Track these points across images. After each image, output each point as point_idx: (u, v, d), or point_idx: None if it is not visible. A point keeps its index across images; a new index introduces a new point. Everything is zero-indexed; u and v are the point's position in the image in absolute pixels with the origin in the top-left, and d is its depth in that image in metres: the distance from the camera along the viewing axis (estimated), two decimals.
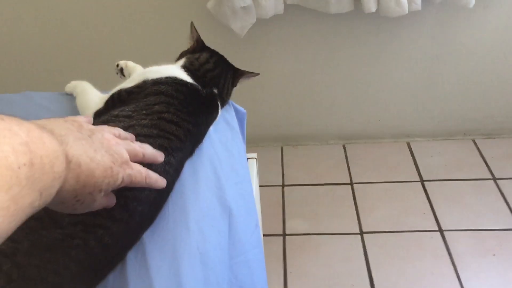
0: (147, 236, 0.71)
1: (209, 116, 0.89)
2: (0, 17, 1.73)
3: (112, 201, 0.60)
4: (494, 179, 1.81)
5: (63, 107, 0.99)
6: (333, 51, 1.85)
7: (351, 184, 1.84)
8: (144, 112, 0.80)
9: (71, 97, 1.02)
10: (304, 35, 1.80)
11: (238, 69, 0.99)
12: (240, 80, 1.00)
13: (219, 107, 0.93)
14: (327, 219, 1.69)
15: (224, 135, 0.95)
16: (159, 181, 0.66)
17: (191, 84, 0.88)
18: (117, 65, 1.08)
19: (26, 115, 0.94)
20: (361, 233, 1.63)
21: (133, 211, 0.67)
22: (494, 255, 1.52)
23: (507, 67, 1.88)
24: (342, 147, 2.03)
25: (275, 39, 1.80)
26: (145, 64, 1.06)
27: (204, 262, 0.71)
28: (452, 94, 1.95)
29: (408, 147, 2.01)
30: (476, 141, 2.02)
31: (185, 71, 0.91)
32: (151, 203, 0.70)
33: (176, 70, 0.90)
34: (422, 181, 1.83)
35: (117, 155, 0.55)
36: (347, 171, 1.91)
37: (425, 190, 1.79)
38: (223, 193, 0.83)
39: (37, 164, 0.41)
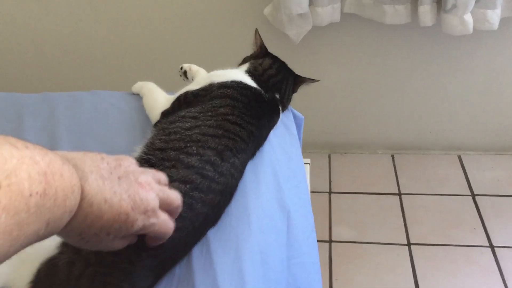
0: (212, 233, 0.74)
1: (271, 120, 0.92)
2: (68, 18, 1.82)
3: (133, 240, 0.57)
4: None
5: (131, 106, 1.04)
6: (387, 61, 1.84)
7: (399, 194, 1.83)
8: (209, 113, 0.84)
9: (138, 96, 1.07)
10: (358, 44, 1.80)
11: (299, 76, 1.02)
12: (301, 86, 1.02)
13: (280, 112, 0.96)
14: (374, 228, 1.69)
15: (283, 139, 0.97)
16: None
17: (255, 88, 0.92)
18: (181, 68, 1.12)
19: (95, 112, 1.00)
20: (409, 244, 1.62)
21: (198, 212, 0.70)
22: None
23: None
24: (390, 157, 2.02)
25: (330, 47, 1.82)
26: (206, 68, 1.11)
27: (265, 261, 0.73)
28: (507, 108, 1.91)
29: (459, 160, 1.98)
30: None
31: (249, 75, 0.94)
32: (215, 205, 0.74)
33: (240, 75, 0.94)
34: (473, 195, 1.80)
35: (141, 202, 0.52)
36: (395, 181, 1.89)
37: (476, 205, 1.75)
38: (282, 195, 0.85)
39: (50, 195, 0.41)
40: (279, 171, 0.89)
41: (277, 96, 0.95)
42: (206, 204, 0.72)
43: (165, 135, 0.81)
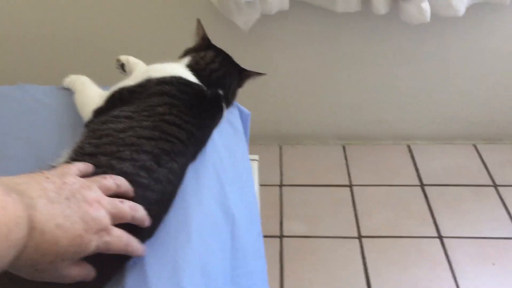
0: (147, 245, 0.67)
1: (214, 118, 0.86)
2: None
3: (89, 272, 0.55)
4: (495, 185, 1.79)
5: (61, 102, 0.95)
6: (337, 51, 1.81)
7: (350, 186, 1.81)
8: (145, 113, 0.77)
9: (69, 92, 0.97)
10: (308, 33, 1.76)
11: (244, 70, 0.96)
12: (247, 81, 0.96)
13: (224, 109, 0.89)
14: (326, 222, 1.67)
15: (227, 138, 0.91)
16: (140, 250, 0.62)
17: (196, 84, 0.85)
18: (118, 60, 1.04)
19: (22, 109, 0.90)
20: (360, 237, 1.61)
21: (131, 227, 0.64)
22: (493, 264, 1.50)
23: (510, 70, 1.85)
24: (341, 148, 2.01)
25: (279, 36, 1.77)
26: (146, 60, 1.03)
27: (206, 274, 0.68)
28: (454, 97, 1.92)
29: (409, 150, 1.99)
30: (477, 146, 1.99)
31: (190, 70, 0.87)
32: (151, 216, 0.67)
33: (180, 69, 0.87)
34: (422, 185, 1.81)
35: (93, 222, 0.52)
36: (346, 172, 1.88)
37: (425, 195, 1.76)
38: (226, 200, 0.80)
39: None
40: (223, 174, 0.83)
41: (221, 92, 0.89)
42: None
43: (95, 138, 0.73)
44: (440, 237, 1.60)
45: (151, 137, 0.72)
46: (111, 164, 0.67)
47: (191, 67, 0.88)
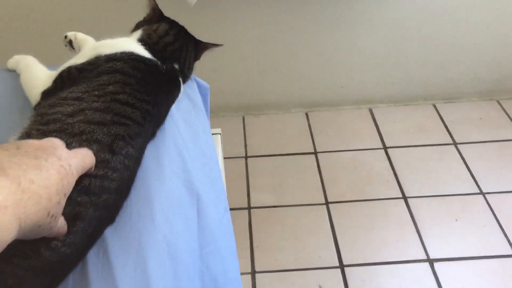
0: (109, 232, 0.65)
1: (170, 94, 0.82)
2: None
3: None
4: (455, 143, 1.83)
5: (6, 85, 0.89)
6: (295, 17, 1.78)
7: (315, 153, 1.82)
8: (96, 93, 0.72)
9: (15, 74, 0.92)
10: (264, 1, 1.72)
11: (200, 41, 0.92)
12: (204, 53, 0.93)
13: (181, 84, 0.86)
14: (293, 190, 1.67)
15: (187, 113, 0.88)
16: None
17: (149, 59, 0.81)
18: (65, 37, 0.98)
19: None
20: (327, 203, 1.62)
21: (91, 219, 0.60)
22: (456, 220, 1.54)
23: (466, 32, 1.87)
24: (305, 115, 2.00)
25: (234, 5, 1.72)
26: (95, 36, 0.97)
27: (173, 255, 0.66)
28: (413, 59, 1.94)
29: (370, 113, 2.00)
30: (437, 105, 2.03)
31: (143, 45, 0.83)
32: (110, 205, 0.64)
33: (132, 44, 0.82)
34: (385, 148, 1.83)
35: (55, 150, 0.54)
36: (310, 140, 1.88)
37: (388, 157, 1.79)
38: (190, 177, 0.77)
39: None
40: (185, 151, 0.80)
41: (176, 66, 0.85)
42: (99, 207, 0.62)
43: (43, 124, 0.69)
44: (405, 197, 1.63)
45: (102, 122, 0.67)
46: None
47: (143, 41, 0.84)
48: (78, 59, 0.82)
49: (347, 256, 1.45)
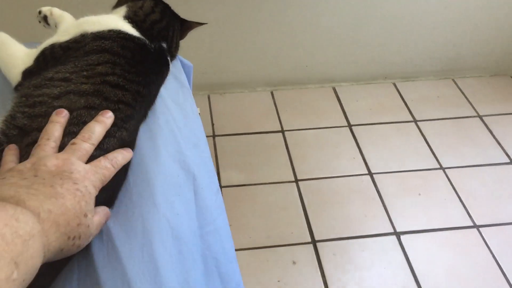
0: (112, 217, 0.63)
1: (160, 74, 0.80)
2: None
3: (106, 212, 0.60)
4: (415, 121, 1.90)
5: None
6: None
7: (282, 131, 1.84)
8: (84, 73, 0.69)
9: None
10: None
11: (185, 20, 0.90)
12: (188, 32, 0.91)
13: (169, 63, 0.84)
14: (262, 169, 1.68)
15: (175, 93, 0.87)
16: (126, 153, 0.64)
17: (137, 38, 0.78)
18: (39, 12, 0.93)
19: None
20: (296, 180, 1.65)
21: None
22: (419, 194, 1.62)
23: (425, 12, 1.93)
24: (270, 94, 2.01)
25: None
26: (71, 12, 0.93)
27: (177, 237, 0.65)
28: (374, 38, 1.98)
29: (334, 92, 2.04)
30: (396, 84, 2.09)
31: (129, 22, 0.80)
32: (106, 189, 0.62)
33: (119, 22, 0.79)
34: (349, 125, 1.87)
35: (71, 174, 0.55)
36: (277, 118, 1.89)
37: (353, 135, 1.83)
38: (184, 157, 0.76)
39: None
40: (177, 131, 0.79)
41: (164, 45, 0.83)
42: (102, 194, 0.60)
43: (28, 106, 0.65)
44: (370, 173, 1.68)
45: (92, 106, 0.65)
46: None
47: (130, 19, 0.81)
48: (61, 37, 0.78)
49: (318, 231, 1.49)
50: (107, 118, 0.63)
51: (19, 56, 0.80)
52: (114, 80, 0.69)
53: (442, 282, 1.37)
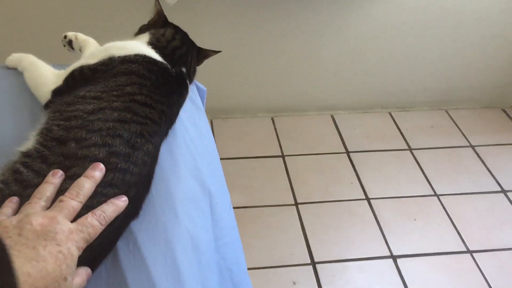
0: (135, 225, 0.68)
1: (181, 96, 0.86)
2: None
3: (88, 273, 0.60)
4: (410, 149, 1.97)
5: (10, 83, 0.89)
6: (263, 25, 1.85)
7: (283, 156, 1.89)
8: (114, 93, 0.75)
9: (16, 71, 0.92)
10: (234, 6, 1.78)
11: (201, 48, 0.97)
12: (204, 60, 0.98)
13: (188, 87, 0.90)
14: (263, 192, 1.73)
15: (191, 114, 0.92)
16: (118, 203, 0.63)
17: (161, 62, 0.84)
18: (65, 37, 0.99)
19: None
20: (296, 204, 1.70)
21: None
22: (415, 219, 1.67)
23: (421, 45, 2.02)
24: (271, 120, 2.07)
25: (205, 9, 1.77)
26: (94, 37, 1.00)
27: (196, 247, 0.70)
28: (371, 69, 2.06)
29: (332, 119, 2.11)
30: (392, 113, 2.17)
31: (153, 48, 0.86)
32: (133, 198, 0.67)
33: (144, 47, 0.86)
34: (347, 152, 1.94)
35: (56, 235, 0.55)
36: (277, 143, 1.95)
37: (351, 161, 1.90)
38: (201, 174, 0.82)
39: None
40: (194, 150, 0.84)
41: (184, 69, 0.89)
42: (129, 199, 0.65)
43: (63, 119, 0.71)
44: (368, 198, 1.74)
45: (123, 120, 0.71)
46: (84, 151, 0.66)
47: (153, 44, 0.87)
48: (89, 60, 0.84)
49: (318, 253, 1.53)
50: (97, 171, 0.63)
51: (48, 76, 0.86)
52: (142, 99, 0.75)
53: None
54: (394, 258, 1.54)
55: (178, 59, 0.89)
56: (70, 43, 0.99)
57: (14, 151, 0.70)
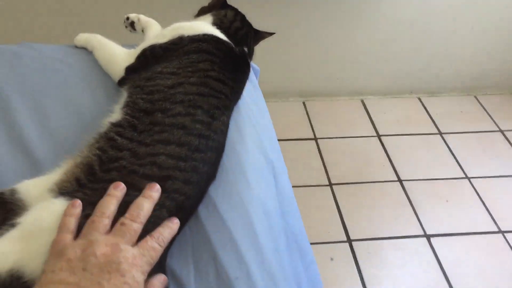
0: (212, 191, 0.74)
1: (244, 74, 0.92)
2: None
3: (163, 282, 0.60)
4: (440, 133, 2.01)
5: (79, 60, 0.95)
6: (296, 11, 1.88)
7: (315, 139, 1.94)
8: (189, 69, 0.81)
9: (84, 50, 0.98)
10: None
11: (258, 30, 1.02)
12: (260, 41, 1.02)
13: (250, 65, 0.95)
14: (297, 173, 1.78)
15: (250, 92, 0.97)
16: (172, 226, 0.64)
17: (227, 42, 0.90)
18: (127, 18, 1.05)
19: (42, 68, 0.90)
20: (330, 184, 1.75)
21: (202, 172, 0.70)
22: (447, 201, 1.71)
23: (451, 31, 2.04)
24: (302, 104, 2.12)
25: None
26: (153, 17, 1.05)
27: (266, 212, 0.76)
28: (401, 55, 2.09)
29: (363, 104, 2.14)
30: (421, 98, 2.20)
31: (217, 28, 0.92)
32: (213, 163, 0.73)
33: (210, 28, 0.91)
34: (378, 136, 1.98)
35: (119, 265, 0.55)
36: (309, 126, 2.00)
37: (382, 144, 1.94)
38: (264, 147, 0.87)
39: None
40: (257, 124, 0.90)
41: (245, 49, 0.94)
42: (206, 163, 0.71)
43: (146, 93, 0.77)
44: (400, 180, 1.78)
45: (201, 93, 0.77)
46: (170, 120, 0.72)
47: (217, 25, 0.92)
48: (159, 39, 0.89)
49: (353, 231, 1.58)
50: (154, 192, 0.63)
51: (120, 54, 0.91)
52: (215, 75, 0.80)
53: (471, 282, 1.46)
54: (428, 237, 1.58)
55: (240, 39, 0.94)
56: (132, 24, 1.04)
57: (101, 123, 0.76)
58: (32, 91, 0.86)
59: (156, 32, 0.98)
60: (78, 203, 0.61)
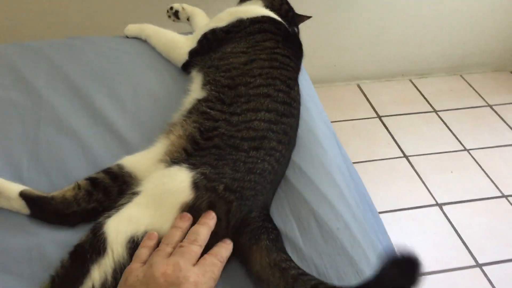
0: (294, 156, 0.80)
1: (300, 51, 0.98)
2: None
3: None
4: (435, 111, 2.12)
5: (137, 49, 1.00)
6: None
7: None
8: (257, 47, 0.87)
9: (136, 39, 1.03)
10: None
11: (297, 14, 1.09)
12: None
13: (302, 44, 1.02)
14: None
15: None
16: (227, 246, 0.65)
17: (282, 22, 0.96)
18: (171, 8, 1.09)
19: (105, 58, 0.94)
20: None
21: (290, 137, 0.77)
22: (451, 172, 1.82)
23: (438, 14, 2.16)
24: None
25: None
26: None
27: (340, 171, 0.83)
28: (394, 38, 2.20)
29: (359, 88, 2.24)
30: (413, 80, 2.31)
31: (271, 10, 0.98)
32: (295, 128, 0.80)
33: (264, 10, 0.97)
34: (379, 116, 2.08)
35: (181, 286, 0.56)
36: None
37: (384, 124, 2.04)
38: (324, 117, 0.95)
39: None
40: (313, 97, 0.97)
41: (296, 30, 1.01)
42: (292, 127, 0.78)
43: (224, 71, 0.83)
44: (406, 156, 1.89)
45: (274, 67, 0.83)
46: (254, 91, 0.78)
47: (270, 7, 0.99)
48: (217, 23, 0.95)
49: None
50: (210, 220, 0.64)
51: (179, 39, 0.96)
52: (281, 51, 0.87)
53: (485, 243, 1.57)
54: (440, 205, 1.69)
55: (291, 20, 1.00)
56: (176, 13, 1.09)
57: (181, 101, 0.82)
58: (103, 79, 0.91)
59: (203, 19, 1.04)
60: (154, 235, 0.63)
